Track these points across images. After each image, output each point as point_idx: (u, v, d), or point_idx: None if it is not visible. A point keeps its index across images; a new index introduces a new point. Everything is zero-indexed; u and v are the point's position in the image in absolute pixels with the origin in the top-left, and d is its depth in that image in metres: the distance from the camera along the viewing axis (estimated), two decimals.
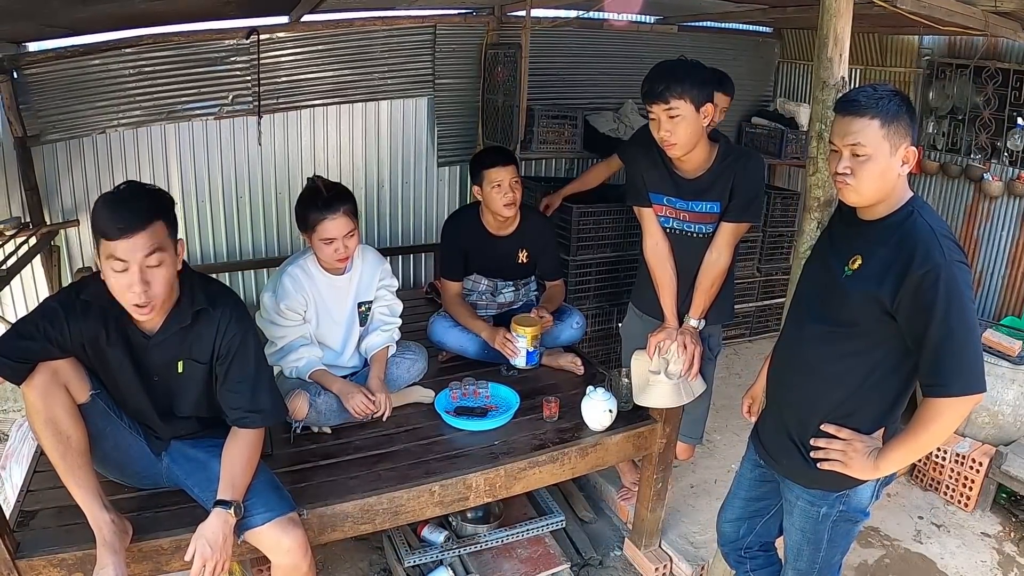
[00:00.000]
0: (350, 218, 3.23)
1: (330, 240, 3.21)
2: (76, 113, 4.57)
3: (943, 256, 1.98)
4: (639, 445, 3.39)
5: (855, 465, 2.24)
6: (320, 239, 3.22)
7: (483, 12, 5.43)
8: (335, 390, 3.26)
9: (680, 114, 2.89)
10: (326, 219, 3.18)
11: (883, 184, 2.09)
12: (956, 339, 1.97)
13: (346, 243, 3.24)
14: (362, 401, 3.22)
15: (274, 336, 3.30)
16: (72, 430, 2.38)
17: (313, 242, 3.26)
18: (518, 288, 4.12)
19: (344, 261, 3.33)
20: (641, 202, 3.25)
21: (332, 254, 3.25)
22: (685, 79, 2.86)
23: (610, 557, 3.80)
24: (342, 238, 3.22)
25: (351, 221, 3.24)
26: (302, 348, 3.31)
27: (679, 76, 2.86)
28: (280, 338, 3.29)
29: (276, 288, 3.29)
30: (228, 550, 2.39)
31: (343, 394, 3.24)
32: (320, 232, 3.20)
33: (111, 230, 2.20)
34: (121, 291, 2.29)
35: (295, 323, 3.30)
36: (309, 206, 3.21)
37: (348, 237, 3.24)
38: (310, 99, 5.20)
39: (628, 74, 5.92)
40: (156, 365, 2.56)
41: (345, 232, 3.22)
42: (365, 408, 3.23)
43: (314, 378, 3.28)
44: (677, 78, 2.86)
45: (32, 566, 2.41)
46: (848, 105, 2.10)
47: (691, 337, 3.20)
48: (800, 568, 2.55)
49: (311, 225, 3.21)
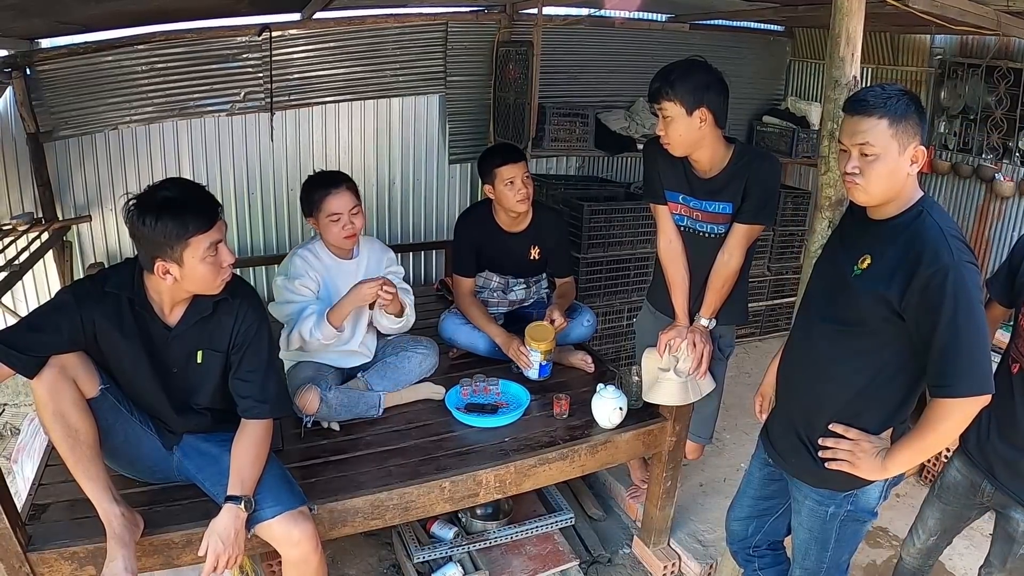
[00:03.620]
0: (353, 194, 3.32)
1: (336, 216, 3.27)
2: (88, 109, 4.59)
3: (952, 256, 1.97)
4: (649, 443, 3.40)
5: (863, 465, 2.23)
6: (326, 216, 3.28)
7: (495, 9, 5.43)
8: (348, 305, 3.26)
9: (670, 116, 2.90)
10: (330, 194, 3.26)
11: (892, 184, 2.09)
12: (964, 340, 1.96)
13: (352, 219, 3.30)
14: (369, 285, 3.21)
15: (288, 314, 3.32)
16: (80, 424, 2.40)
17: (320, 223, 3.32)
18: (529, 285, 4.12)
19: (352, 239, 3.37)
20: (657, 199, 3.25)
21: (339, 231, 3.29)
22: (677, 83, 2.86)
23: (619, 555, 3.81)
24: (347, 213, 3.28)
25: (354, 197, 3.32)
26: (309, 308, 3.31)
27: (671, 79, 2.87)
28: (295, 313, 3.31)
29: (288, 269, 3.34)
30: (240, 545, 2.41)
31: (354, 294, 3.24)
32: (326, 209, 3.26)
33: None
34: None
35: (308, 299, 3.33)
36: (312, 187, 3.31)
37: (353, 214, 3.30)
38: (322, 96, 5.21)
39: (639, 72, 5.90)
40: (176, 357, 2.59)
41: (350, 207, 3.29)
42: (375, 290, 3.21)
43: (330, 316, 3.25)
44: (669, 81, 2.87)
45: (43, 559, 2.43)
46: (857, 105, 2.09)
47: (700, 336, 3.20)
48: (808, 567, 2.55)
49: (316, 204, 3.28)
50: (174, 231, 2.30)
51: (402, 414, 3.41)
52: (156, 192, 2.35)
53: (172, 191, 2.36)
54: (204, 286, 2.47)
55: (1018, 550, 2.59)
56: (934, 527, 2.90)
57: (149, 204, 2.31)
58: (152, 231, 2.30)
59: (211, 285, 2.47)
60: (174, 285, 2.42)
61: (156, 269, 2.36)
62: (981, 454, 2.62)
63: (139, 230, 2.32)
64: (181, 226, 2.30)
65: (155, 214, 2.29)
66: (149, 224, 2.29)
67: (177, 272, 2.37)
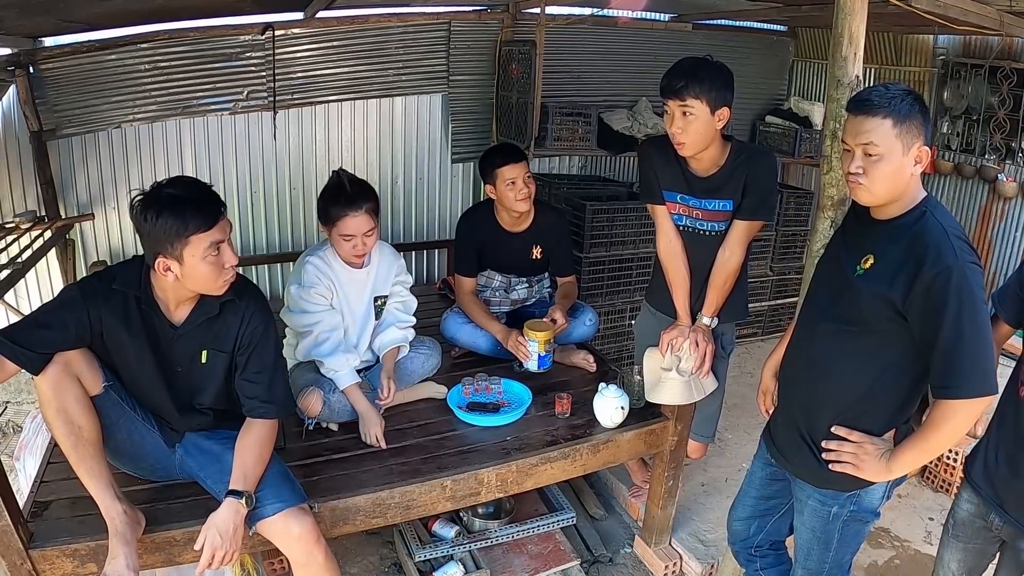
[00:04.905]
0: (371, 216, 3.25)
1: (349, 237, 3.23)
2: (92, 108, 4.60)
3: (955, 257, 1.97)
4: (651, 442, 3.39)
5: (867, 467, 2.23)
6: (340, 234, 3.23)
7: (498, 9, 5.44)
8: (360, 409, 3.25)
9: (695, 114, 2.87)
10: (347, 215, 3.19)
11: (895, 184, 2.08)
12: (967, 341, 1.96)
13: (365, 240, 3.26)
14: (377, 436, 3.19)
15: (306, 324, 3.29)
16: (83, 421, 2.40)
17: (332, 236, 3.28)
18: (531, 285, 4.12)
19: (361, 258, 3.35)
20: (655, 200, 3.23)
21: (350, 250, 3.27)
22: (705, 80, 2.83)
23: (620, 554, 3.80)
24: (361, 236, 3.24)
25: (372, 219, 3.26)
26: (345, 355, 3.30)
27: (699, 76, 2.84)
28: (314, 324, 3.28)
29: (301, 277, 3.31)
30: (239, 540, 2.40)
31: (364, 418, 3.23)
32: (340, 228, 3.21)
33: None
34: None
35: (324, 308, 3.31)
36: (332, 201, 3.23)
37: (367, 235, 3.26)
38: (325, 95, 5.22)
39: (642, 72, 5.93)
40: (181, 356, 2.59)
41: (365, 230, 3.23)
42: (376, 442, 3.19)
43: (347, 392, 3.26)
44: (698, 78, 2.83)
45: (45, 556, 2.43)
46: (860, 104, 2.08)
47: (703, 335, 3.19)
48: (810, 567, 2.54)
49: (332, 220, 3.22)
50: (174, 228, 2.30)
51: (404, 413, 3.41)
52: (161, 189, 2.36)
53: (177, 189, 2.37)
54: (205, 285, 2.46)
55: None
56: (957, 569, 2.72)
57: (153, 200, 2.32)
58: (154, 227, 2.30)
59: (213, 285, 2.46)
60: (176, 283, 2.42)
61: (158, 266, 2.37)
62: (989, 485, 2.52)
63: (142, 226, 2.33)
64: (181, 224, 2.31)
65: (157, 210, 2.30)
66: (151, 220, 2.30)
67: (178, 270, 2.37)
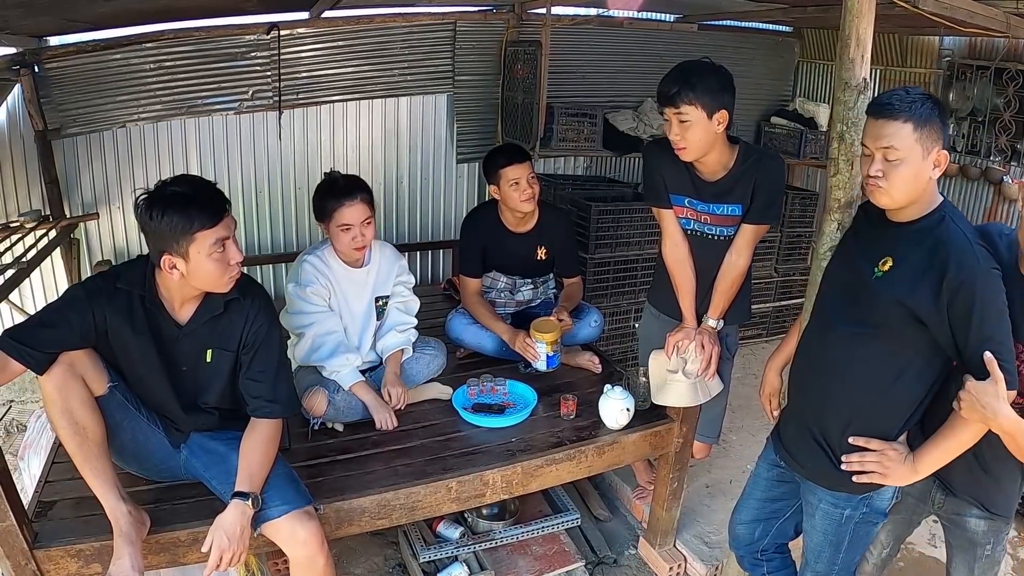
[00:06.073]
0: (367, 205, 3.28)
1: (348, 227, 3.24)
2: (96, 107, 4.61)
3: (979, 263, 1.98)
4: (656, 444, 3.39)
5: (894, 473, 2.22)
6: (337, 226, 3.25)
7: (503, 9, 5.44)
8: (368, 401, 3.28)
9: (690, 120, 2.84)
10: (343, 205, 3.22)
11: (915, 187, 2.08)
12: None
13: (363, 231, 3.27)
14: (387, 420, 3.24)
15: (303, 326, 3.30)
16: (88, 421, 2.40)
17: (331, 231, 3.30)
18: (536, 286, 4.11)
19: (361, 251, 3.35)
20: (661, 203, 3.22)
21: (349, 242, 3.27)
22: (698, 85, 2.80)
23: (625, 556, 3.80)
24: (359, 225, 3.25)
25: (368, 208, 3.28)
26: (345, 355, 3.32)
27: (691, 82, 2.81)
28: (309, 326, 3.29)
29: (298, 276, 3.31)
30: (245, 541, 2.40)
31: (372, 408, 3.27)
32: (337, 219, 3.23)
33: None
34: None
35: (321, 309, 3.31)
36: (327, 194, 3.27)
37: (365, 225, 3.27)
38: (330, 95, 5.22)
39: (648, 72, 5.91)
40: (185, 355, 2.59)
41: (362, 219, 3.25)
42: (389, 425, 3.25)
43: (353, 389, 3.29)
44: (690, 83, 2.81)
45: (50, 556, 2.42)
46: (881, 108, 2.07)
47: (709, 337, 3.19)
48: (819, 570, 2.53)
49: (329, 212, 3.25)
50: (179, 225, 2.31)
51: (409, 414, 3.40)
52: (166, 187, 2.37)
53: (181, 186, 2.38)
54: (211, 283, 2.47)
55: (982, 552, 2.52)
56: (886, 539, 2.82)
57: (158, 198, 2.33)
58: (159, 224, 2.31)
59: (218, 282, 2.47)
60: (181, 281, 2.42)
61: (163, 263, 2.37)
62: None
63: (147, 223, 2.33)
64: (186, 221, 2.31)
65: (162, 208, 2.30)
66: (156, 217, 2.30)
67: (183, 267, 2.38)
